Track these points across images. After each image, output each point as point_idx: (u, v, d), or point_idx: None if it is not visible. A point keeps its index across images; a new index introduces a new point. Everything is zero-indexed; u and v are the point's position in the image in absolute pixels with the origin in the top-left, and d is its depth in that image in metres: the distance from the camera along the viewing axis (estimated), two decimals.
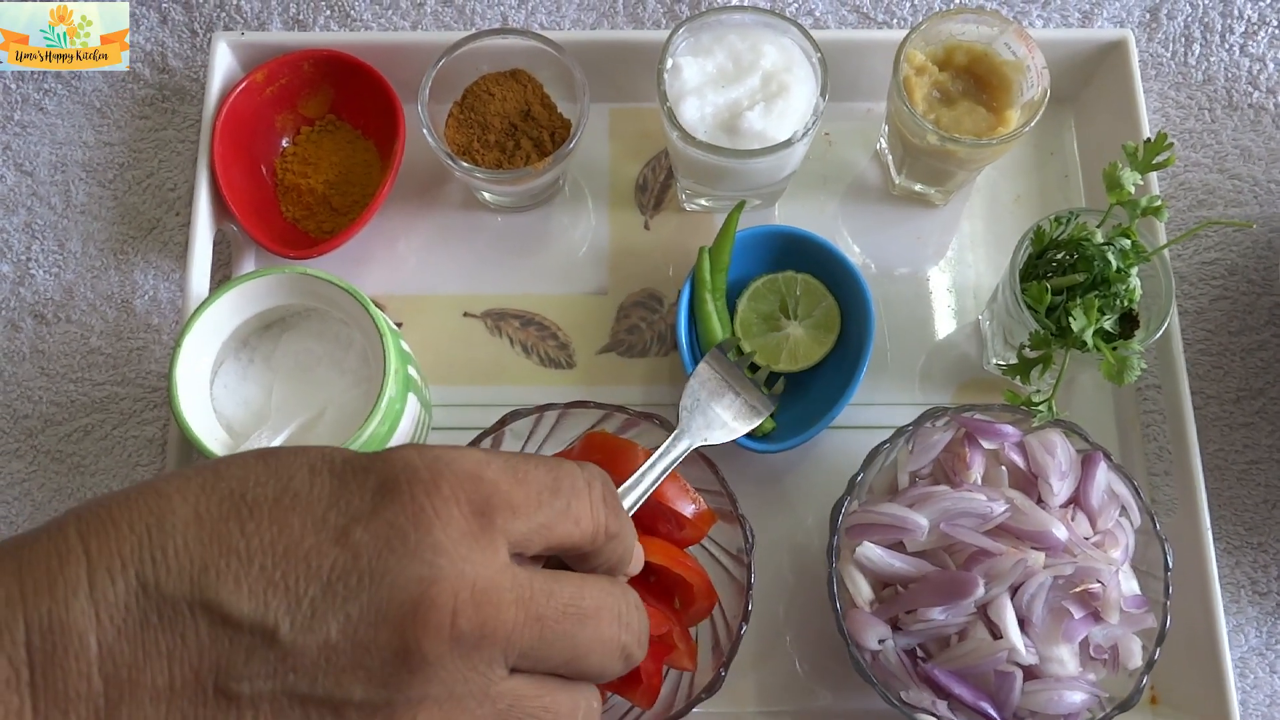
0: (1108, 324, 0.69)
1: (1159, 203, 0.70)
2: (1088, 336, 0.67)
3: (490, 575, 0.35)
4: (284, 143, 0.84)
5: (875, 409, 0.80)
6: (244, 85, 0.81)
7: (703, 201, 0.84)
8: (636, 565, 0.45)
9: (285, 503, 0.35)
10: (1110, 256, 0.69)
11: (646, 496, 0.60)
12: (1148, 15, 0.90)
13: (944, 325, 0.83)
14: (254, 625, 0.33)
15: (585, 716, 0.40)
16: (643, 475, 0.60)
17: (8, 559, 0.34)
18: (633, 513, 0.60)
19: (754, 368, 0.74)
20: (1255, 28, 0.90)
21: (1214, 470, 0.80)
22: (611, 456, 0.66)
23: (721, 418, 0.70)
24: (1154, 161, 0.70)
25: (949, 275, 0.84)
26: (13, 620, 0.33)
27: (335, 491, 0.35)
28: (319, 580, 0.34)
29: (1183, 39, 0.90)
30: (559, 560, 0.42)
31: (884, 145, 0.84)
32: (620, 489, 0.59)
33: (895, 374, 0.82)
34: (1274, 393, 0.81)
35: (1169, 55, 0.89)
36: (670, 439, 0.64)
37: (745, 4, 0.79)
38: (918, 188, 0.84)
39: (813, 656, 0.76)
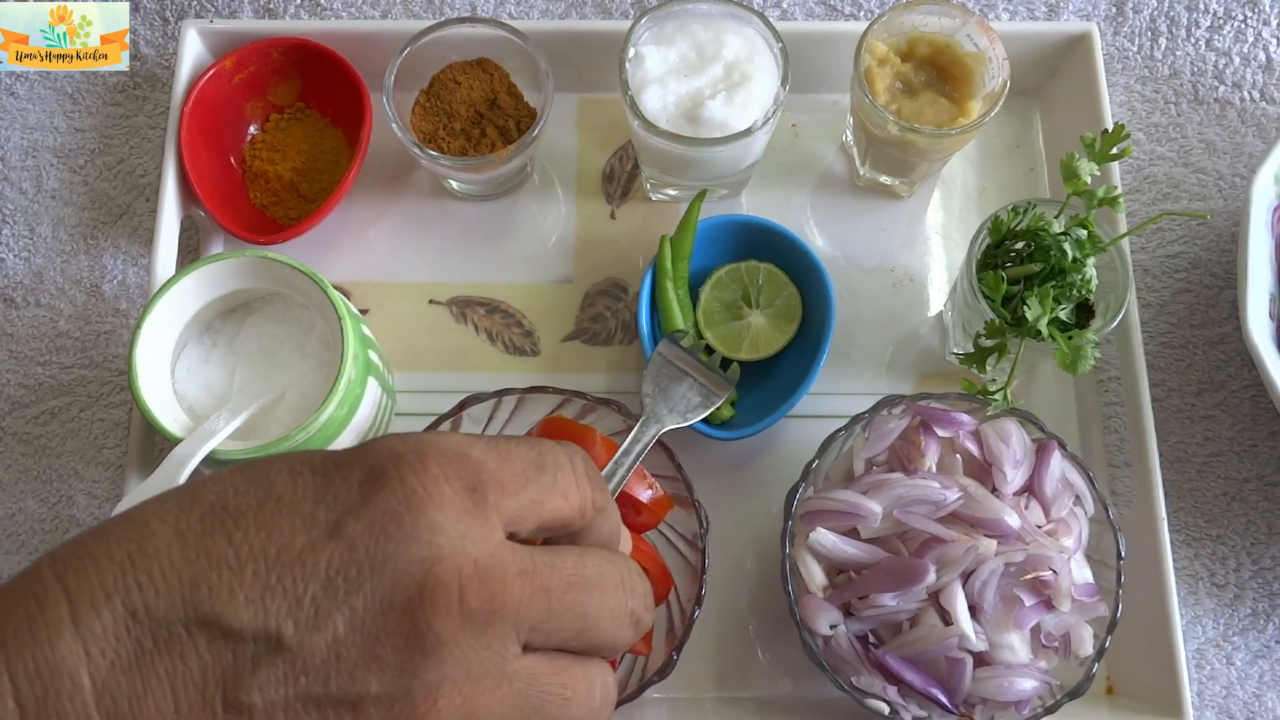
0: (1063, 313, 0.69)
1: (1116, 194, 0.70)
2: (1042, 325, 0.68)
3: (491, 551, 0.34)
4: (252, 130, 0.85)
5: (838, 398, 0.80)
6: (212, 72, 0.82)
7: (669, 191, 0.84)
8: (626, 545, 0.45)
9: (270, 507, 0.34)
10: (1066, 247, 0.69)
11: (622, 485, 0.60)
12: (1114, 9, 0.91)
13: (909, 316, 0.83)
14: (257, 633, 0.32)
15: (602, 692, 0.38)
16: (616, 465, 0.61)
17: None
18: (615, 488, 0.60)
19: (709, 350, 0.74)
20: (1221, 22, 0.90)
21: (1175, 463, 0.80)
22: (570, 442, 0.66)
23: (686, 400, 0.70)
24: (1111, 152, 0.70)
25: (914, 266, 0.84)
26: None
27: (320, 488, 0.34)
28: (317, 578, 0.32)
29: (1149, 33, 0.90)
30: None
31: (849, 137, 0.85)
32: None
33: (860, 364, 0.82)
34: (1235, 386, 0.82)
35: (1135, 49, 0.90)
36: (638, 426, 0.65)
37: None
38: (883, 179, 0.84)
39: (774, 644, 0.76)
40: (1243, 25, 0.90)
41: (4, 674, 0.31)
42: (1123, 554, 0.67)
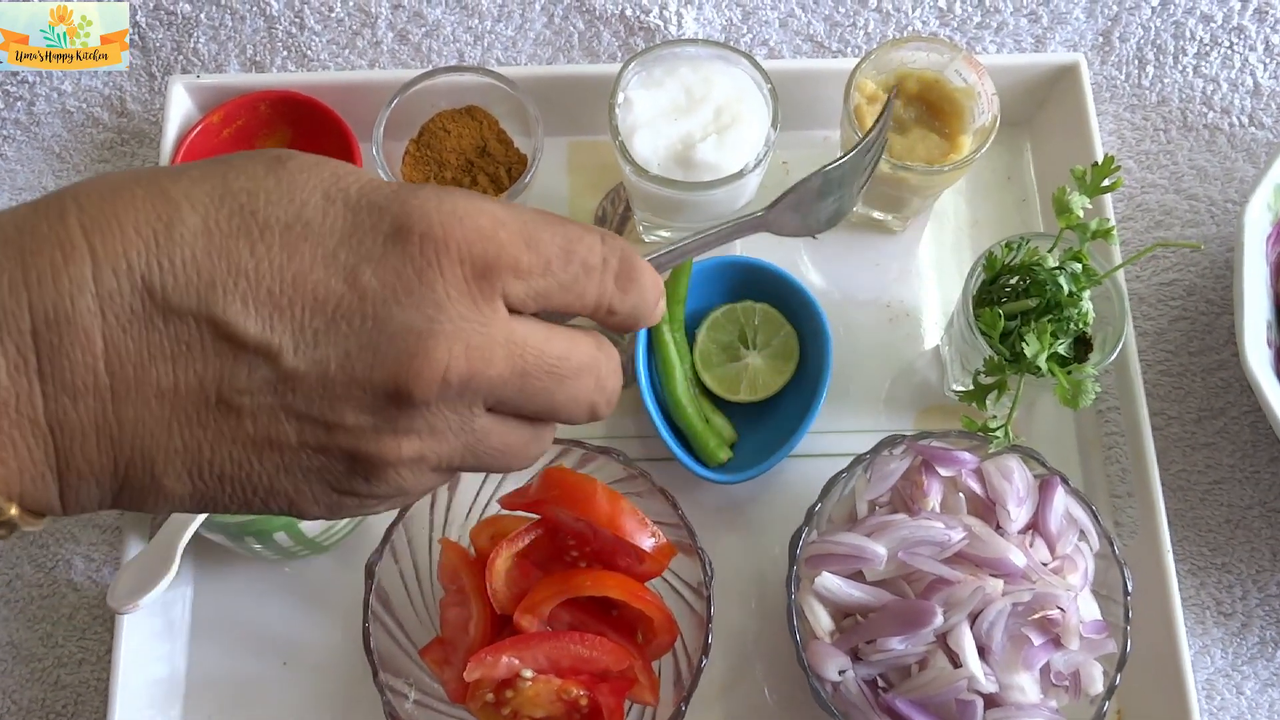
0: (1061, 348, 0.69)
1: (1109, 226, 0.70)
2: (1041, 361, 0.67)
3: (485, 333, 0.36)
4: None
5: (838, 436, 0.80)
6: (200, 127, 0.81)
7: (662, 233, 0.84)
8: (655, 316, 0.44)
9: (297, 230, 0.35)
10: (1062, 281, 0.69)
11: (682, 260, 0.50)
12: (1100, 38, 0.91)
13: (906, 351, 0.83)
14: (258, 346, 0.34)
15: (534, 449, 0.41)
16: (684, 245, 0.49)
17: (8, 245, 0.34)
18: (667, 270, 0.50)
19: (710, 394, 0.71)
20: (1207, 49, 0.90)
21: (1177, 491, 0.80)
22: (570, 492, 0.66)
23: (817, 212, 0.58)
24: (1102, 185, 0.70)
25: (909, 301, 0.84)
26: (18, 308, 0.33)
27: (348, 227, 0.36)
28: (324, 314, 0.35)
29: (1136, 61, 0.90)
30: None
31: None
32: (660, 253, 0.49)
33: (858, 401, 0.82)
34: (1234, 412, 0.82)
35: (1123, 77, 0.90)
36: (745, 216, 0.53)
37: (698, 37, 0.80)
38: (875, 215, 0.84)
39: (781, 687, 0.76)
40: (1229, 51, 0.90)
41: (25, 311, 0.33)
42: (1130, 589, 0.66)
